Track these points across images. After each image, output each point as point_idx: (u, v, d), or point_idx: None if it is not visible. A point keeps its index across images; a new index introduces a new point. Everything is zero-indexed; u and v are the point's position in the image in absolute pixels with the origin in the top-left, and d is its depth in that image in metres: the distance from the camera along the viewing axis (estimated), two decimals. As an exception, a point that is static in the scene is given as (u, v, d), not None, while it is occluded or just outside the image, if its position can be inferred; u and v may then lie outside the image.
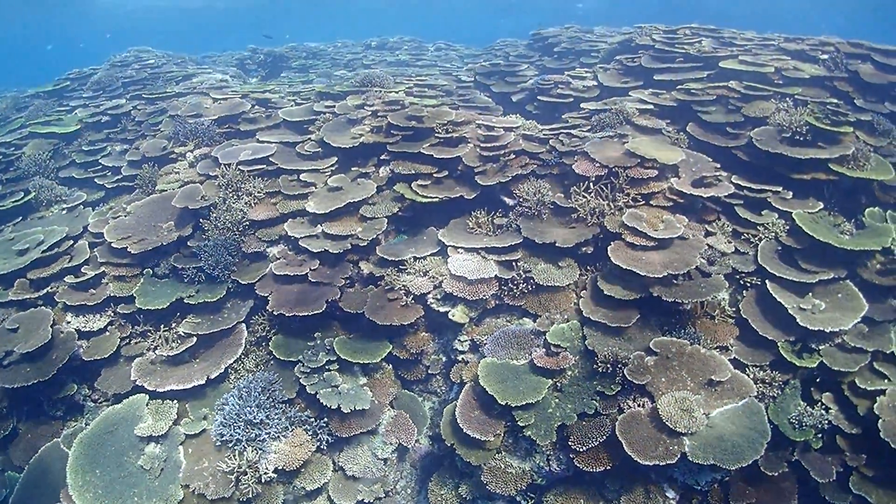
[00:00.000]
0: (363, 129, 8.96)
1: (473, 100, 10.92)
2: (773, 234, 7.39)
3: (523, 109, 10.91)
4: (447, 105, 10.30)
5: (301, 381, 7.26)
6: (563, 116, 9.51)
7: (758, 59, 9.38)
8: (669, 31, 11.51)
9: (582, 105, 9.56)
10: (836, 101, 8.82)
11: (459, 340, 7.24)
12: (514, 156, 8.09)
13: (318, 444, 7.11)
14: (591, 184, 7.57)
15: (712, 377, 6.26)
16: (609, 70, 10.93)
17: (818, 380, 6.74)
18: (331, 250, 7.70)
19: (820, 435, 6.45)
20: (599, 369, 6.39)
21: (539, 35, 14.40)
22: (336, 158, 8.82)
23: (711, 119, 8.59)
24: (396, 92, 10.33)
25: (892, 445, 5.98)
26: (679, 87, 9.34)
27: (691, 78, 9.51)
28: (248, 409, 6.91)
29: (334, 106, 9.87)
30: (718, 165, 8.00)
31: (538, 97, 10.50)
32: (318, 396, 7.09)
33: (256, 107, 10.55)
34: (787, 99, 8.72)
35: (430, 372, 7.57)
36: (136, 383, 7.21)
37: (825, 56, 9.75)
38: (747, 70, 9.18)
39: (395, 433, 7.29)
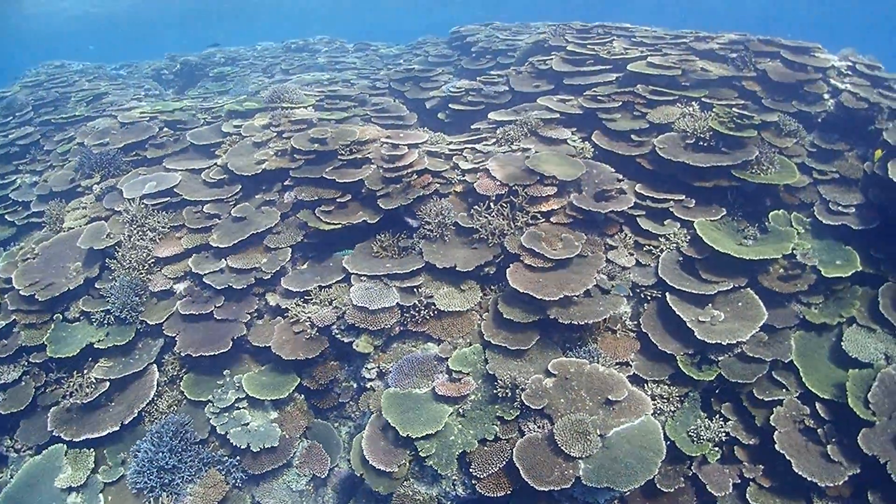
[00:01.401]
0: (268, 152, 8.81)
1: (387, 108, 10.82)
2: (675, 244, 7.43)
3: (436, 118, 10.83)
4: (359, 116, 10.21)
5: (211, 421, 7.22)
6: (472, 126, 9.45)
7: (666, 61, 9.35)
8: (583, 31, 11.48)
9: (490, 115, 9.48)
10: (743, 102, 8.89)
11: (367, 368, 7.20)
12: (416, 175, 8.01)
13: (234, 481, 7.09)
14: (492, 203, 7.53)
15: (609, 396, 6.29)
16: (521, 73, 10.87)
17: (718, 391, 6.84)
18: (235, 286, 7.61)
19: (718, 448, 6.54)
20: (499, 394, 6.41)
21: (458, 34, 14.30)
22: (240, 186, 8.68)
23: (616, 127, 8.56)
24: (305, 107, 10.16)
25: (788, 457, 6.11)
26: (586, 92, 9.28)
27: (600, 82, 9.47)
28: (161, 454, 6.89)
29: (242, 125, 9.70)
30: (621, 177, 8.00)
31: (449, 105, 10.43)
32: (228, 436, 7.07)
33: (165, 129, 10.33)
34: (693, 103, 8.72)
35: (341, 400, 7.52)
36: (53, 433, 7.13)
37: (734, 55, 9.77)
38: (654, 73, 9.15)
39: (308, 464, 7.28)
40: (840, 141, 8.61)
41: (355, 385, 7.48)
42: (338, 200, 8.01)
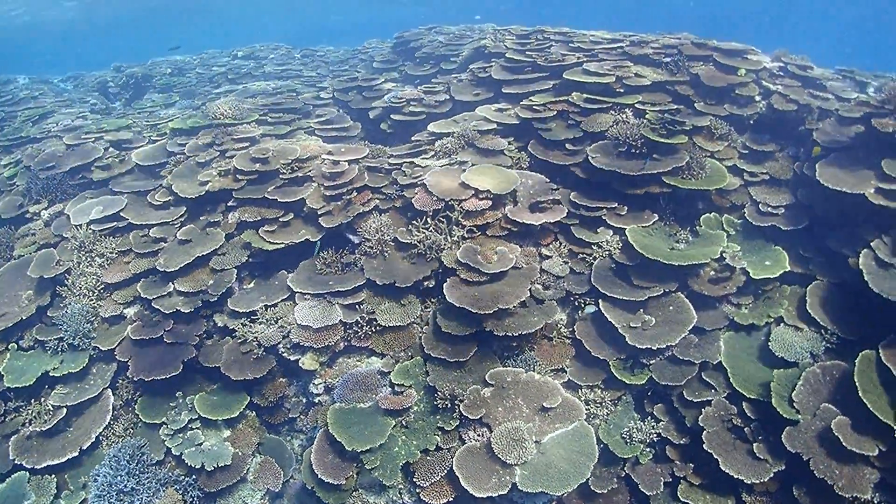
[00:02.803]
0: (211, 172, 8.92)
1: (331, 120, 10.95)
2: (608, 252, 7.67)
3: (379, 128, 10.97)
4: (303, 129, 10.35)
5: (166, 443, 7.39)
6: (412, 138, 9.64)
7: (601, 68, 9.56)
8: (522, 36, 11.65)
9: (430, 126, 9.68)
10: (676, 106, 9.12)
11: (314, 384, 7.39)
12: (357, 192, 8.20)
13: (191, 500, 7.25)
14: (429, 218, 7.75)
15: (545, 403, 6.58)
16: (462, 81, 11.06)
17: (650, 393, 7.12)
18: (182, 309, 7.75)
19: (650, 448, 6.82)
20: (440, 405, 6.66)
21: (402, 38, 14.43)
22: (185, 208, 8.78)
23: (551, 136, 8.77)
24: (248, 123, 10.28)
25: (716, 456, 6.40)
26: (523, 101, 9.47)
27: (537, 90, 9.67)
28: (119, 477, 7.06)
29: (186, 144, 9.81)
30: (555, 187, 8.24)
31: (391, 115, 10.59)
32: (182, 456, 7.25)
33: (111, 149, 10.35)
34: (627, 110, 8.93)
35: (291, 415, 7.70)
36: (16, 462, 7.25)
37: (669, 59, 10.02)
38: (589, 81, 9.37)
39: (262, 479, 7.46)
40: (771, 142, 8.88)
41: (304, 400, 7.67)
42: (280, 220, 8.17)
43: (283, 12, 67.69)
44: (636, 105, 9.03)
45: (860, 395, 6.05)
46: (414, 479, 6.39)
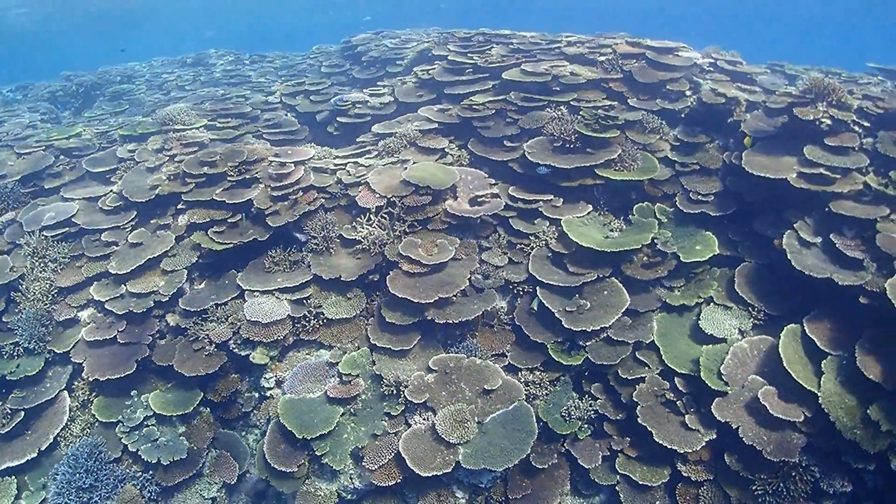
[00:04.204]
0: (160, 177, 9.13)
1: (279, 124, 11.20)
2: (545, 241, 8.03)
3: (326, 130, 11.23)
4: (251, 134, 10.58)
5: (122, 440, 7.57)
6: (357, 140, 9.94)
7: (538, 68, 9.94)
8: (465, 39, 12.02)
9: (373, 128, 9.99)
10: (610, 103, 9.53)
11: (265, 378, 7.63)
12: (303, 192, 8.47)
13: (149, 495, 7.45)
14: (373, 214, 8.05)
15: (486, 386, 6.90)
16: (406, 84, 11.38)
17: (587, 373, 7.47)
18: (135, 310, 7.94)
19: (588, 425, 7.17)
20: (386, 392, 6.97)
21: (350, 43, 14.73)
22: (136, 212, 8.98)
23: (490, 134, 9.14)
24: (197, 129, 10.51)
25: (649, 428, 6.76)
26: (463, 101, 9.82)
27: (478, 90, 10.02)
28: (78, 475, 7.20)
29: (136, 150, 9.97)
30: (494, 181, 8.59)
31: (337, 118, 10.86)
32: (139, 452, 7.44)
33: (62, 157, 10.47)
34: (562, 107, 9.33)
35: (245, 410, 7.91)
36: (-25, 465, 7.41)
37: (603, 58, 10.44)
38: (527, 80, 9.75)
39: (218, 472, 7.66)
40: (702, 134, 9.26)
41: (257, 395, 7.88)
42: (229, 221, 8.41)
43: (232, 18, 67.57)
44: (571, 102, 9.42)
45: (785, 365, 6.44)
46: (363, 463, 6.66)
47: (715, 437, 6.61)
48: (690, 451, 6.59)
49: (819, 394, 6.18)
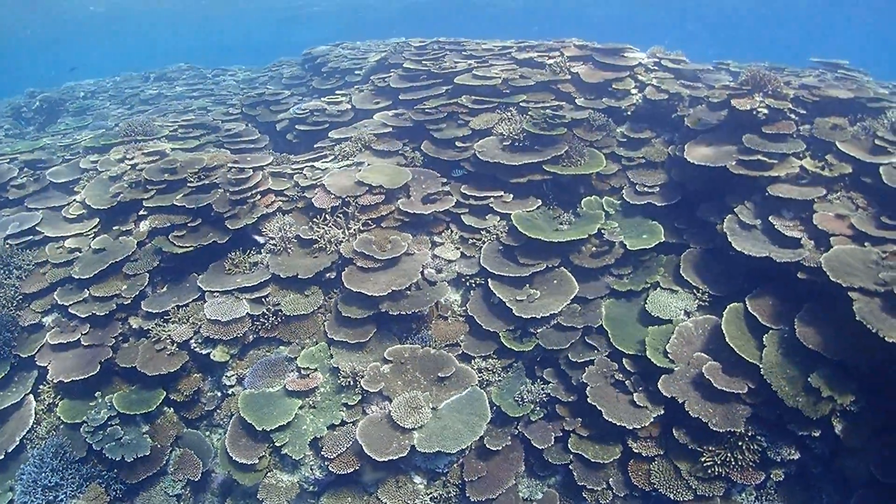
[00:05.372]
0: (122, 185, 9.33)
1: (239, 133, 11.43)
2: (496, 235, 8.33)
3: (285, 138, 11.49)
4: (212, 143, 10.82)
5: (87, 439, 7.72)
6: (315, 146, 10.21)
7: (489, 72, 10.31)
8: (420, 48, 12.38)
9: (331, 133, 10.27)
10: (558, 103, 9.86)
11: (227, 376, 7.84)
12: (261, 196, 8.72)
13: (114, 493, 7.61)
14: (328, 215, 8.32)
15: (440, 374, 7.17)
16: (364, 91, 11.71)
17: (539, 359, 7.74)
18: (98, 313, 8.12)
19: (540, 407, 7.43)
20: (343, 383, 7.20)
21: (310, 55, 15.01)
22: (98, 219, 9.18)
23: (442, 136, 9.46)
24: (159, 139, 10.73)
25: (599, 407, 7.04)
26: (417, 106, 10.15)
27: (431, 95, 10.34)
28: (44, 474, 7.37)
29: (99, 161, 10.16)
30: (446, 180, 8.91)
31: (296, 126, 11.13)
32: (103, 451, 7.58)
33: (26, 169, 10.64)
34: (512, 108, 9.67)
35: (208, 408, 8.09)
36: (-57, 468, 7.51)
37: (552, 61, 10.81)
38: (478, 84, 10.09)
39: (182, 470, 7.82)
40: (647, 129, 9.60)
41: (219, 393, 8.07)
42: (189, 225, 8.62)
43: (198, 33, 67.79)
44: (521, 103, 9.76)
45: (728, 341, 6.75)
46: (322, 453, 6.88)
47: (663, 412, 6.88)
48: (640, 427, 6.83)
49: (761, 366, 6.47)
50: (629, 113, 9.98)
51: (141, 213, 9.09)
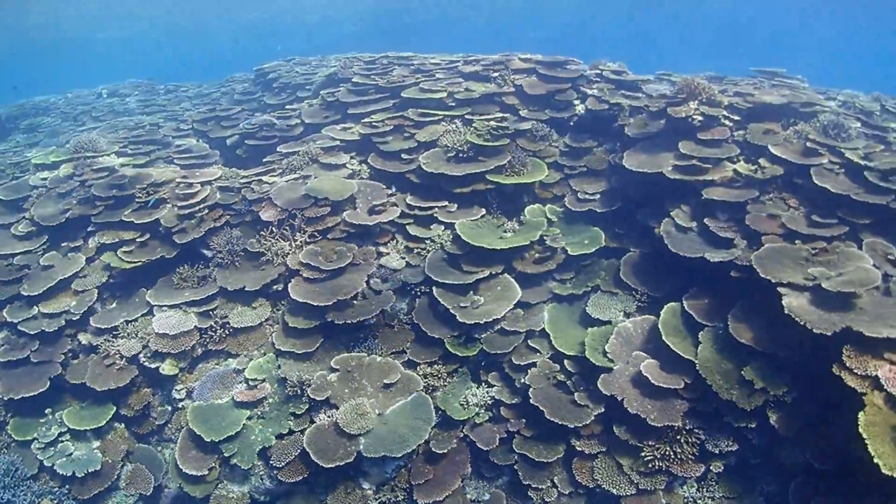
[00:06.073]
0: (71, 202, 9.39)
1: (190, 149, 11.49)
2: (440, 244, 8.52)
3: (235, 154, 11.61)
4: (162, 159, 10.90)
5: (38, 456, 7.76)
6: (264, 160, 10.36)
7: (435, 86, 10.57)
8: (370, 62, 12.59)
9: (279, 148, 10.45)
10: (502, 115, 10.13)
11: (176, 390, 7.93)
12: (209, 210, 8.85)
13: (66, 508, 7.67)
14: (275, 227, 8.47)
15: (386, 381, 7.34)
16: (313, 106, 11.88)
17: (484, 363, 7.93)
18: (47, 329, 8.19)
19: (485, 410, 7.59)
20: (290, 393, 7.34)
21: (262, 70, 15.14)
22: (47, 236, 9.22)
23: (388, 148, 9.65)
24: (108, 155, 10.80)
25: (541, 408, 7.23)
26: (364, 119, 10.34)
27: (379, 109, 10.55)
28: (-5, 493, 7.39)
29: (48, 178, 10.19)
30: (391, 191, 9.10)
31: (245, 141, 11.27)
32: (54, 467, 7.64)
33: (-25, 187, 10.66)
34: (457, 120, 9.92)
35: (158, 423, 8.16)
36: None
37: (496, 74, 11.09)
38: (424, 97, 10.33)
39: (134, 485, 7.87)
40: (589, 139, 9.83)
41: (169, 407, 8.13)
42: (137, 240, 8.72)
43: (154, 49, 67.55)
44: (465, 115, 10.02)
45: (664, 339, 7.00)
46: (271, 462, 7.00)
47: (603, 410, 7.06)
48: (581, 425, 7.01)
49: (696, 361, 6.73)
50: (572, 123, 10.23)
51: (90, 229, 9.16)
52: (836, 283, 6.28)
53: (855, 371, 5.75)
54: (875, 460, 5.14)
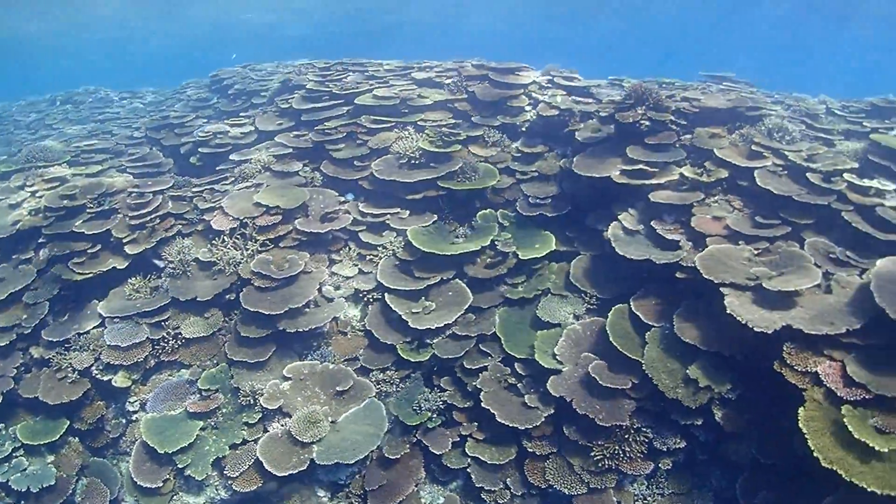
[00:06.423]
0: (22, 213, 9.34)
1: (143, 157, 11.43)
2: (392, 251, 8.62)
3: (189, 162, 11.52)
4: (115, 168, 10.85)
5: (-9, 472, 7.74)
6: (217, 168, 10.37)
7: (388, 92, 10.63)
8: (325, 69, 12.62)
9: (231, 156, 10.48)
10: (455, 121, 10.25)
11: (130, 402, 7.92)
12: (160, 220, 8.86)
13: (20, 525, 7.63)
14: (227, 236, 8.50)
15: (338, 388, 7.41)
16: (267, 113, 11.88)
17: (436, 368, 8.03)
18: (-1, 343, 8.13)
19: (437, 415, 7.69)
20: (243, 402, 7.39)
21: (217, 77, 15.09)
22: (-4, 249, 9.16)
23: (341, 155, 9.73)
24: (60, 165, 10.74)
25: (492, 411, 7.34)
26: (317, 126, 10.38)
27: (332, 116, 10.59)
28: (-52, 510, 7.34)
29: (-1, 189, 10.13)
30: (343, 199, 9.17)
31: (199, 149, 11.24)
32: (9, 483, 7.60)
33: (-78, 199, 10.52)
34: (410, 127, 10.01)
35: (113, 436, 8.13)
36: None
37: (449, 81, 11.22)
38: (377, 104, 10.42)
39: (89, 499, 7.81)
40: (541, 144, 9.96)
41: (123, 420, 8.11)
42: (88, 251, 8.67)
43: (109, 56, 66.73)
44: (418, 122, 10.11)
45: (612, 340, 7.13)
46: (225, 472, 7.05)
47: (553, 412, 7.18)
48: (532, 427, 7.11)
49: (643, 361, 6.88)
50: (524, 129, 10.37)
51: (40, 240, 9.09)
52: (776, 283, 6.47)
53: (795, 368, 5.93)
54: (815, 454, 5.33)
